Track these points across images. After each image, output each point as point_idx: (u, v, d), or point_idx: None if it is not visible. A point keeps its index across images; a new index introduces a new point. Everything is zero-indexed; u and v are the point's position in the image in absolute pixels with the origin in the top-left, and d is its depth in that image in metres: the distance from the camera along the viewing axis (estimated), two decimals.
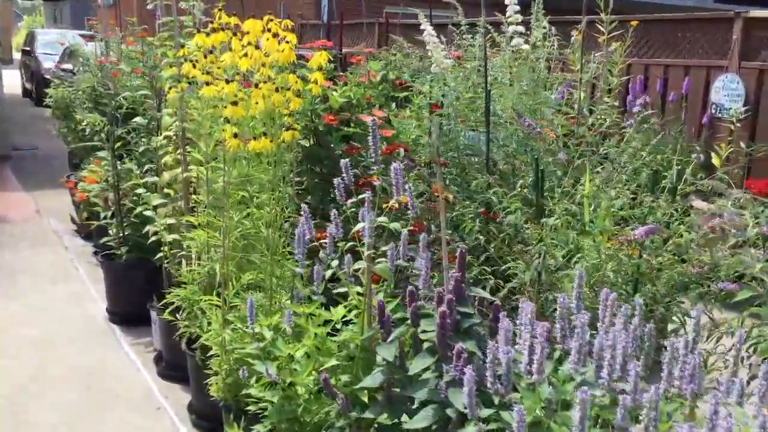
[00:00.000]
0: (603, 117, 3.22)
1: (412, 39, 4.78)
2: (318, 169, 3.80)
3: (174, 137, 3.98)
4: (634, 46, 5.85)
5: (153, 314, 4.09)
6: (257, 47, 2.68)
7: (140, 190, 3.73)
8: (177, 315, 3.39)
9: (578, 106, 3.33)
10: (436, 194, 2.83)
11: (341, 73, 4.19)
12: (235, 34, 2.70)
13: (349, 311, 2.37)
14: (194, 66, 3.22)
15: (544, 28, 3.24)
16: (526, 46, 3.21)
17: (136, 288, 4.42)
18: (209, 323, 3.19)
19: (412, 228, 2.33)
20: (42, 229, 6.46)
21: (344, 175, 2.27)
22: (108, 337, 4.35)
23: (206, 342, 2.89)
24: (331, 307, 2.43)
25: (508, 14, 3.24)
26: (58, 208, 6.96)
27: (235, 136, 2.70)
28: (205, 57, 3.27)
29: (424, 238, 2.25)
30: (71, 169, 8.05)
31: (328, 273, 2.28)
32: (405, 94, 4.20)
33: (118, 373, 3.90)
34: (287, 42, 2.72)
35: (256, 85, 2.65)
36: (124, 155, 4.63)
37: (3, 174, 8.74)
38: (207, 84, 2.77)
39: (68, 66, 12.45)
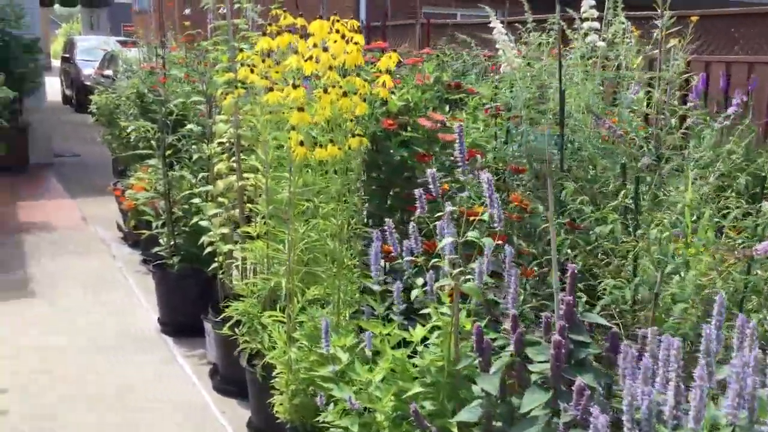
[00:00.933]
0: (680, 117, 3.00)
1: (472, 37, 4.57)
2: (375, 175, 3.62)
3: (227, 144, 3.84)
4: (693, 42, 5.58)
5: (207, 326, 3.96)
6: (325, 49, 2.51)
7: (196, 200, 3.59)
8: (235, 329, 3.24)
9: (655, 107, 3.10)
10: (515, 203, 2.64)
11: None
12: (302, 37, 2.53)
13: (430, 332, 2.19)
14: (252, 71, 3.07)
15: (622, 23, 3.02)
16: (601, 43, 2.99)
17: (189, 298, 4.29)
18: (271, 338, 3.04)
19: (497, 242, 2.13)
20: (88, 236, 6.38)
21: (431, 185, 2.08)
22: (161, 348, 4.22)
23: (271, 360, 2.73)
24: (409, 327, 2.25)
25: (582, 9, 3.03)
26: (103, 215, 6.88)
27: (302, 144, 2.54)
28: (263, 61, 3.13)
29: (509, 252, 2.06)
30: (116, 176, 7.98)
31: (415, 292, 2.09)
32: (459, 95, 4.01)
33: (173, 386, 3.77)
34: (355, 43, 2.55)
35: (325, 90, 2.48)
36: (174, 163, 4.51)
37: (48, 181, 8.72)
38: (270, 90, 2.61)
39: (109, 72, 12.48)
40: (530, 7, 3.48)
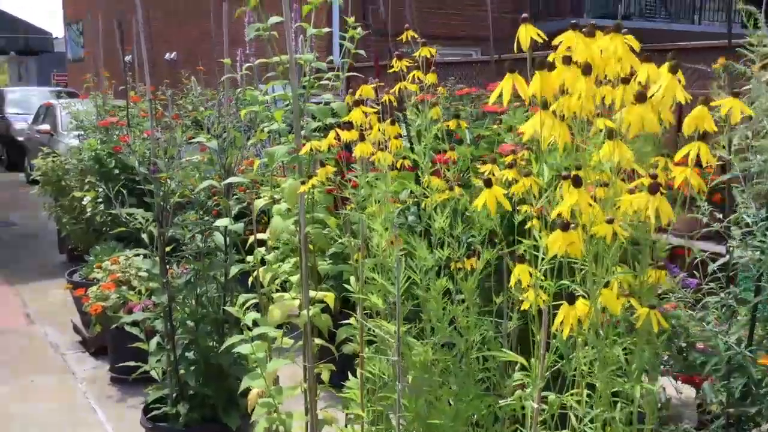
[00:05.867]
0: None
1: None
2: None
3: (279, 248, 2.35)
4: None
5: None
6: (642, 97, 1.10)
7: (245, 348, 2.07)
8: None
9: None
10: None
11: None
12: (587, 73, 1.10)
13: None
14: (362, 137, 1.67)
15: None
16: None
17: None
18: None
19: None
20: (35, 342, 4.64)
21: None
22: None
23: None
24: None
25: None
26: (53, 309, 5.15)
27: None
28: (380, 121, 1.72)
29: None
30: (64, 253, 6.27)
31: None
32: None
33: None
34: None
35: (654, 190, 1.06)
36: (175, 263, 2.97)
37: None
38: (488, 183, 1.15)
39: (45, 126, 10.64)
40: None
